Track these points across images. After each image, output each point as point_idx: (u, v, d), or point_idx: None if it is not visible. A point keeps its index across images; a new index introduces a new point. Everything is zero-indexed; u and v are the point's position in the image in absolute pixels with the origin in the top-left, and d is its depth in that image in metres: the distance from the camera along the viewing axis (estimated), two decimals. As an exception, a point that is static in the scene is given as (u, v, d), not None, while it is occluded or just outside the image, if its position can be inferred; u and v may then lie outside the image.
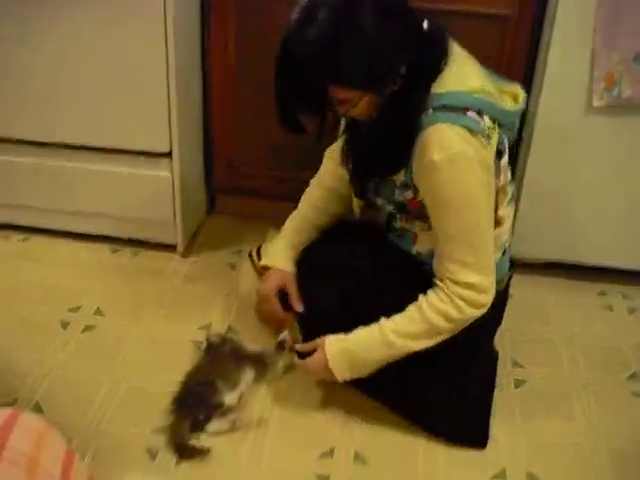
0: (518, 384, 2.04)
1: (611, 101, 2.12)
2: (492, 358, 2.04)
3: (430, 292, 1.72)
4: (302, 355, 1.85)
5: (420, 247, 1.78)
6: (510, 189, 1.80)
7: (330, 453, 1.80)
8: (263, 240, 2.25)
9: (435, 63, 1.60)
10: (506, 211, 1.78)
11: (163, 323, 2.20)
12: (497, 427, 1.87)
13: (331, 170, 1.99)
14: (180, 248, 2.52)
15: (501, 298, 1.92)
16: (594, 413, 1.96)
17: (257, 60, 2.26)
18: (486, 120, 1.59)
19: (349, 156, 1.82)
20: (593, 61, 2.08)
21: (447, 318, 1.69)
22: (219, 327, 2.17)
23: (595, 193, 2.30)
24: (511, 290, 1.95)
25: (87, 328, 2.16)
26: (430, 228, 1.72)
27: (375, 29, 1.49)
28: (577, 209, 2.33)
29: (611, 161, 2.24)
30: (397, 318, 1.74)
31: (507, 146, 1.72)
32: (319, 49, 1.50)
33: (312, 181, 2.04)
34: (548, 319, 2.31)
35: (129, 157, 2.36)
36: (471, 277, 1.66)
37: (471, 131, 1.56)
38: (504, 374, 2.05)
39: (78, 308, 2.24)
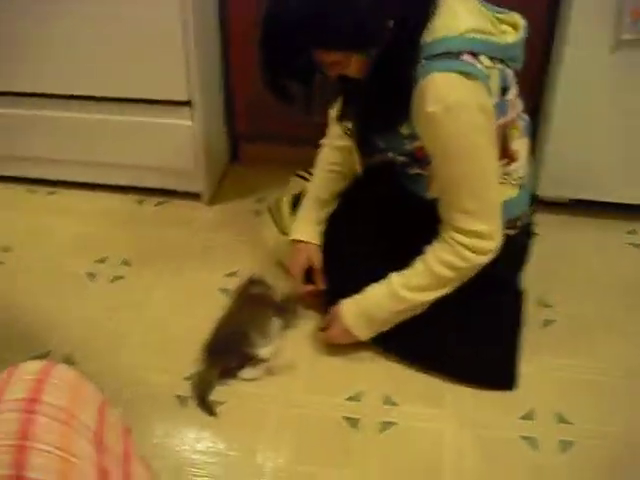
0: (546, 323, 2.03)
1: (638, 34, 2.05)
2: (519, 297, 2.02)
3: (435, 243, 1.72)
4: (325, 329, 1.90)
5: (434, 192, 1.77)
6: (522, 122, 1.77)
7: (359, 396, 1.81)
8: (286, 187, 2.24)
9: (423, 12, 1.55)
10: (518, 145, 1.76)
11: (190, 271, 2.22)
12: (525, 367, 1.87)
13: (338, 130, 1.96)
14: (205, 197, 2.52)
15: (525, 235, 1.90)
16: (623, 351, 1.94)
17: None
18: (483, 60, 1.55)
19: (348, 114, 1.80)
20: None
21: (452, 267, 1.69)
22: (246, 275, 2.17)
23: (623, 129, 2.25)
24: (537, 229, 1.93)
25: (115, 279, 2.18)
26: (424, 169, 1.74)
27: None
28: (605, 147, 2.29)
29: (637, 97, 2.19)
30: (406, 272, 1.75)
31: (512, 79, 1.69)
32: (302, 15, 1.47)
33: (323, 142, 2.03)
34: (576, 258, 2.29)
35: (150, 107, 2.35)
36: (475, 225, 1.65)
37: (467, 75, 1.52)
38: (532, 313, 2.03)
39: (105, 259, 2.26)
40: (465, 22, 1.56)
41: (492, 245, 1.68)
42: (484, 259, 1.69)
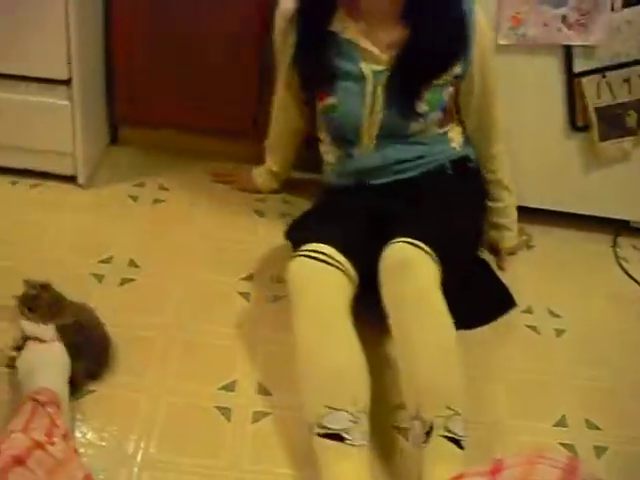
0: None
1: (517, 40, 2.14)
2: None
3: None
4: None
5: (455, 142, 2.03)
6: None
7: (232, 385, 1.81)
8: (166, 171, 2.19)
9: None
10: None
11: (62, 254, 2.15)
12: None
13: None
14: (80, 180, 2.44)
15: None
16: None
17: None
18: None
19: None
20: (500, 1, 2.10)
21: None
22: (121, 260, 2.14)
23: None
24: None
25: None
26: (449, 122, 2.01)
27: None
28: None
29: (515, 100, 2.26)
30: None
31: None
32: None
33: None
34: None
35: (26, 84, 2.26)
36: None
37: None
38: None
39: (-27, 239, 2.16)
40: None
41: None
42: None
